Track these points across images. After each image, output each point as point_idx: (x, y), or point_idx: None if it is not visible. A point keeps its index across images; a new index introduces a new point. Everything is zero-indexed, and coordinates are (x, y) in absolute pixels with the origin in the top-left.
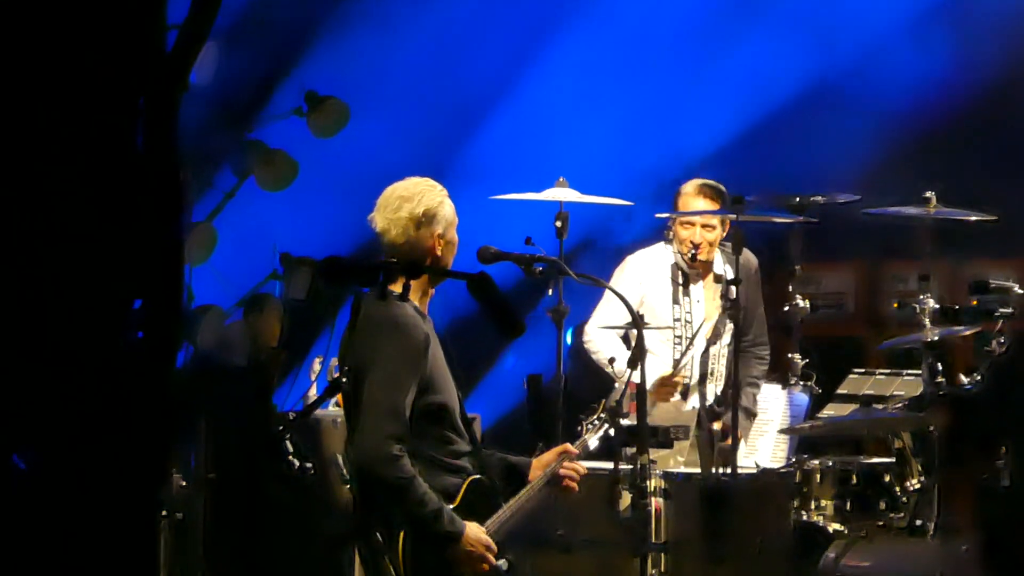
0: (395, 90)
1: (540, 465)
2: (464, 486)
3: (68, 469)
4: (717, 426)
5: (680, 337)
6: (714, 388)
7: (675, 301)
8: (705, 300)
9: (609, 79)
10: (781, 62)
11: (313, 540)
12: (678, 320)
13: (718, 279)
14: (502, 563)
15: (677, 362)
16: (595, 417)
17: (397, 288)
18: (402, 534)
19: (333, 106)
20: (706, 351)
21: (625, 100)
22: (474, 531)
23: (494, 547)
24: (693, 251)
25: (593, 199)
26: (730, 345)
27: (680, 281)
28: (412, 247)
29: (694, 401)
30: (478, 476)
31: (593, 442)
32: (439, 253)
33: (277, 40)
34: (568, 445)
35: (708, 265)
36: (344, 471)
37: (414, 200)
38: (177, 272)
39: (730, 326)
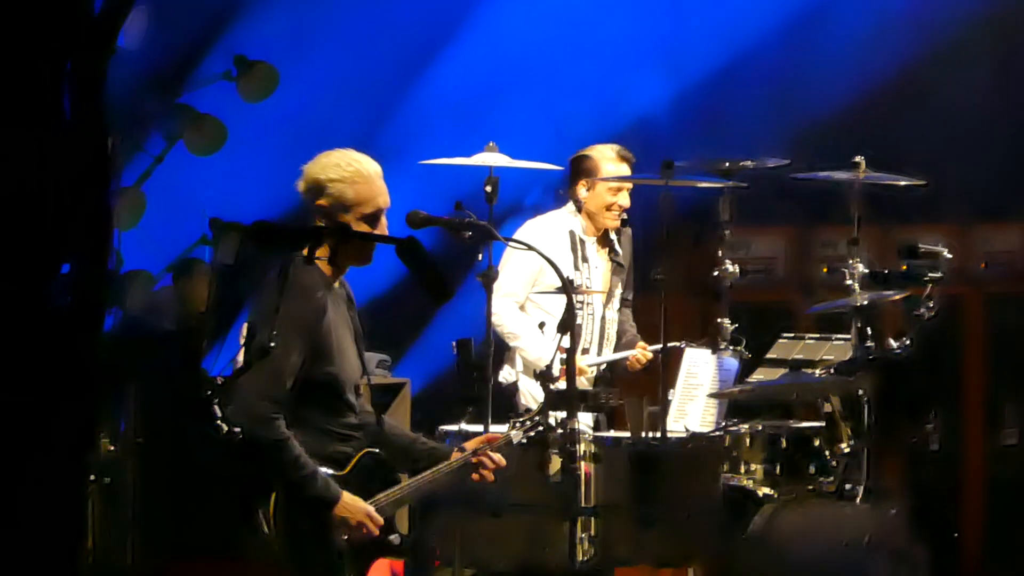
0: (325, 56)
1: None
2: (356, 457)
3: None
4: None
5: (582, 303)
6: (608, 351)
7: (575, 268)
8: (602, 266)
9: (539, 45)
10: (709, 30)
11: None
12: (579, 286)
13: (608, 244)
14: (393, 537)
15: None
16: (528, 419)
17: (325, 253)
18: (274, 494)
19: (263, 71)
20: (602, 316)
21: (555, 66)
22: (350, 499)
23: (377, 518)
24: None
25: (523, 164)
26: (620, 310)
27: (579, 248)
28: (322, 218)
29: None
30: (374, 450)
31: (517, 437)
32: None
33: (206, 4)
34: (492, 435)
35: (605, 232)
36: None
37: (319, 166)
38: (106, 237)
39: (619, 290)
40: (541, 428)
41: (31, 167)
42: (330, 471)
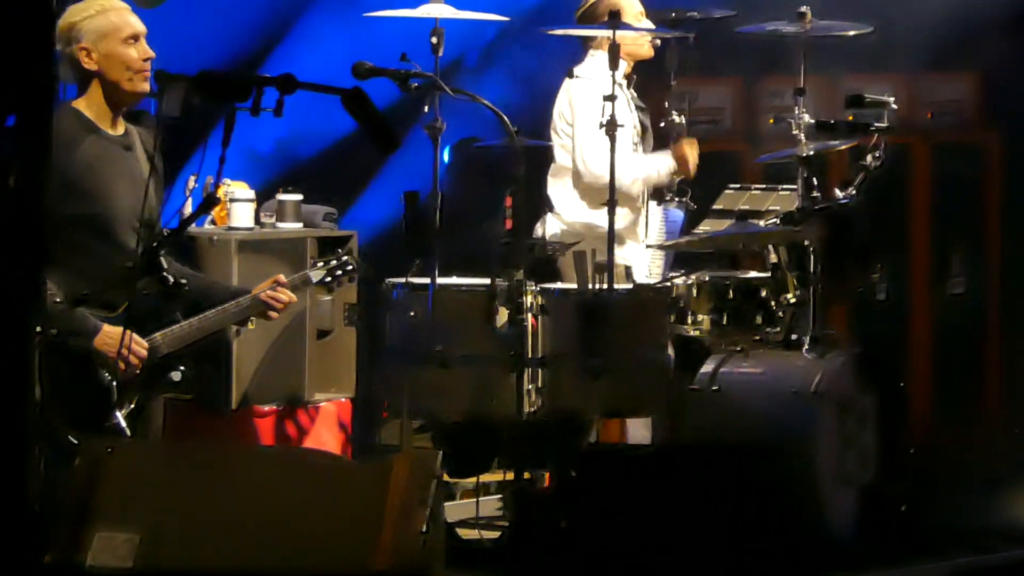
0: None
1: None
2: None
3: None
4: None
5: (636, 146)
6: None
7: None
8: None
9: None
10: None
11: None
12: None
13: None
14: (174, 374)
15: None
16: (333, 260)
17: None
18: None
19: None
20: None
21: None
22: (111, 330)
23: (138, 347)
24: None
25: (468, 15)
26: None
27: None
28: (65, 59)
29: None
30: (147, 292)
31: (315, 276)
32: (94, 68)
33: None
34: (280, 276)
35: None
36: None
37: (69, 13)
38: (49, 93)
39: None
40: (350, 268)
41: None
42: (101, 315)
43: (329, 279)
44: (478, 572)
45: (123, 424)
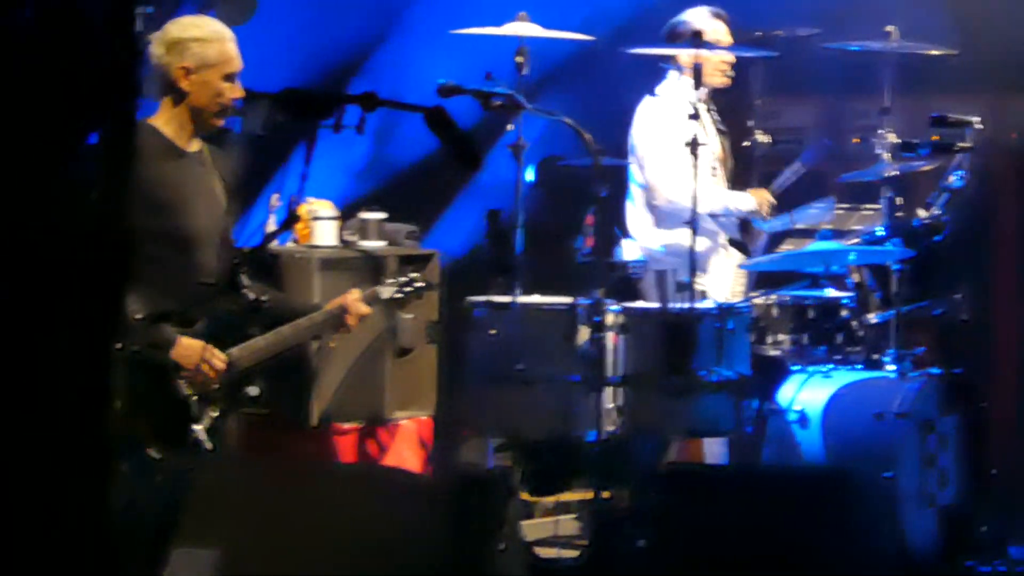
0: None
1: None
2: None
3: (23, 310)
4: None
5: (715, 169)
6: None
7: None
8: (712, 130)
9: None
10: None
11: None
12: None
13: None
14: (251, 389)
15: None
16: (402, 277)
17: (166, 118)
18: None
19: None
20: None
21: None
22: (188, 341)
23: (217, 360)
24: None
25: (554, 34)
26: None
27: (702, 117)
28: (158, 70)
29: None
30: (228, 310)
31: (386, 293)
32: (186, 89)
33: None
34: (354, 291)
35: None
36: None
37: (179, 27)
38: (132, 107)
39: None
40: (420, 285)
41: (54, 37)
42: (179, 330)
43: (399, 295)
44: None
45: (203, 438)
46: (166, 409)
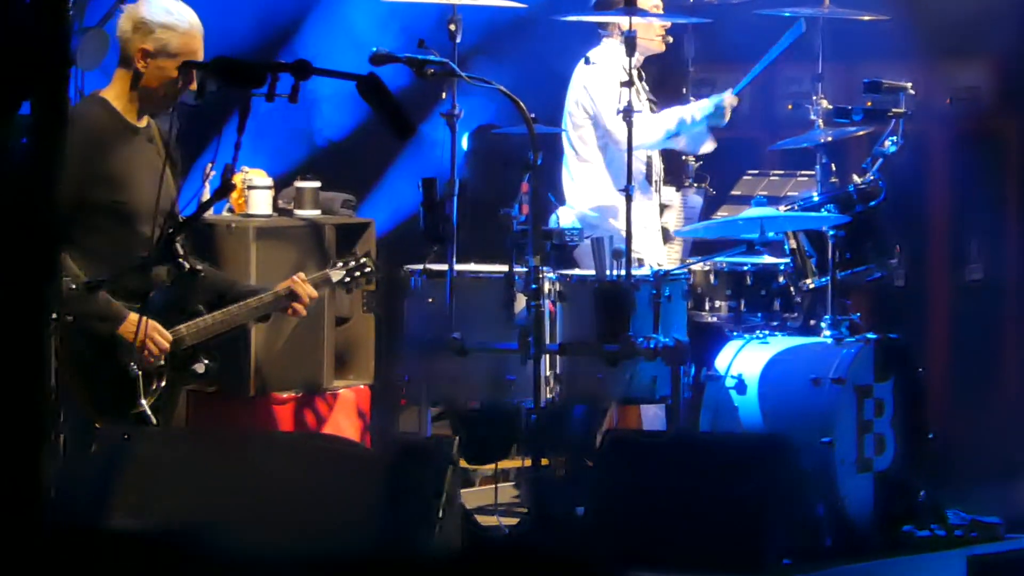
0: None
1: None
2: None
3: None
4: None
5: None
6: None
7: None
8: (644, 96)
9: None
10: None
11: None
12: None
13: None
14: (197, 366)
15: None
16: (352, 260)
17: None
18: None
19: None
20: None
21: None
22: (135, 318)
23: (161, 339)
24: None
25: (486, 2)
26: None
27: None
28: (120, 41)
29: None
30: (169, 285)
31: (335, 276)
32: (142, 69)
33: None
34: (301, 274)
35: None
36: None
37: (150, 8)
38: (63, 76)
39: None
40: (369, 270)
41: None
42: (128, 305)
43: (349, 279)
44: (495, 558)
45: (148, 412)
46: (111, 381)
